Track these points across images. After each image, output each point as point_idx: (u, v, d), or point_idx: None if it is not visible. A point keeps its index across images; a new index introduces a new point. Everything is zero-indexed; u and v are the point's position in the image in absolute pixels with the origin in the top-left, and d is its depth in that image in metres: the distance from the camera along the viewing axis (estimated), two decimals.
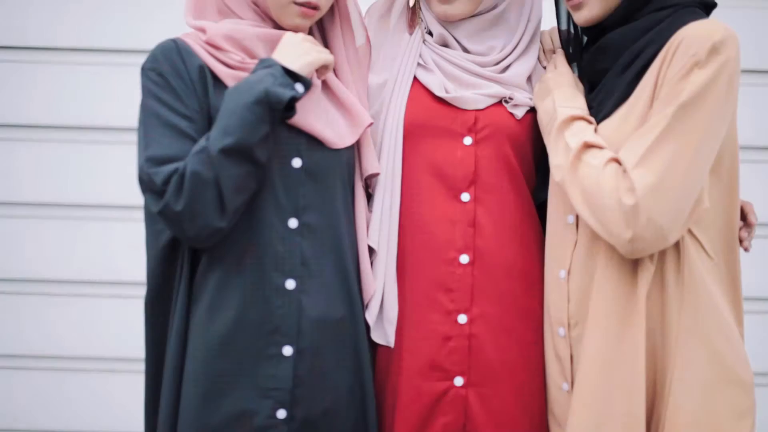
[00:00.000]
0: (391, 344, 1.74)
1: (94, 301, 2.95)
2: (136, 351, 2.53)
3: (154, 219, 1.65)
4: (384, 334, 1.75)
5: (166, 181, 1.55)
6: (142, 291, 1.73)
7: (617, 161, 1.54)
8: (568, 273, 1.67)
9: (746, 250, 1.73)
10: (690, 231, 1.58)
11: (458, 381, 1.71)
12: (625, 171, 1.52)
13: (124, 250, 2.89)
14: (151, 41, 1.70)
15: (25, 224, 2.94)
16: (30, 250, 2.95)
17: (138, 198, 1.67)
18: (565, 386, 1.68)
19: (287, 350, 1.63)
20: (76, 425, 2.99)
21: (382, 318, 1.75)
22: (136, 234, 2.76)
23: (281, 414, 1.63)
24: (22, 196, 2.94)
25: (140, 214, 1.72)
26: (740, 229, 1.71)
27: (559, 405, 1.70)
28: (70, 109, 2.93)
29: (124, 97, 2.77)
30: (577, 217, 1.65)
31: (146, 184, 1.58)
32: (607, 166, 1.54)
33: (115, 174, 2.88)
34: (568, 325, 1.66)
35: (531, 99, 1.77)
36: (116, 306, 2.92)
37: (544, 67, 1.82)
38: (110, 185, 2.90)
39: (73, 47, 2.93)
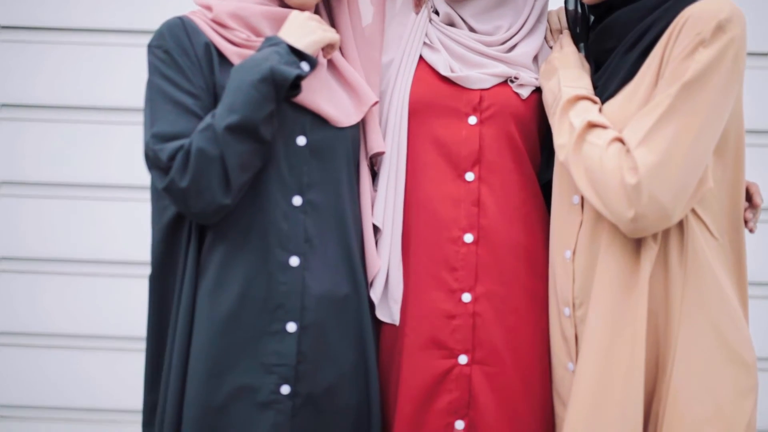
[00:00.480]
0: (396, 322, 1.75)
1: (99, 281, 2.97)
2: (135, 329, 2.57)
3: (159, 195, 1.67)
4: (389, 312, 1.76)
5: (172, 158, 1.56)
6: (144, 270, 1.74)
7: (621, 140, 1.54)
8: (574, 253, 1.67)
9: (751, 231, 1.73)
10: (694, 211, 1.58)
11: (462, 359, 1.72)
12: (628, 150, 1.52)
13: (128, 230, 2.91)
14: (160, 21, 1.70)
15: (30, 203, 2.96)
16: (37, 229, 2.97)
17: (142, 178, 1.68)
18: (571, 366, 1.68)
19: (291, 327, 1.65)
20: (68, 402, 3.02)
21: (387, 296, 1.76)
22: (140, 214, 2.80)
23: (285, 390, 1.65)
24: (27, 176, 2.95)
25: (143, 194, 1.73)
26: (745, 210, 1.70)
27: (564, 385, 1.71)
28: (77, 90, 2.94)
29: (132, 78, 2.79)
30: (583, 197, 1.65)
31: (152, 161, 1.59)
32: (610, 146, 1.54)
33: (122, 154, 2.89)
34: (573, 305, 1.67)
35: (537, 79, 1.77)
36: (120, 285, 2.94)
37: (551, 47, 1.82)
38: (117, 165, 2.92)
39: (83, 27, 2.94)
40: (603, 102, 1.63)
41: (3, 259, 2.98)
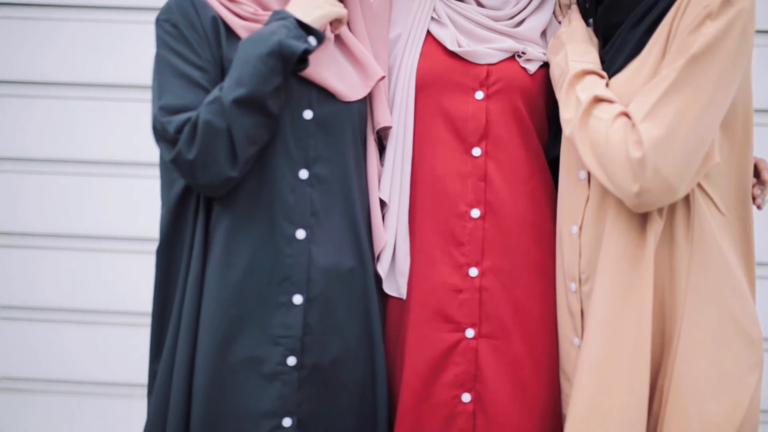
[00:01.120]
0: (404, 296, 1.76)
1: (96, 255, 2.98)
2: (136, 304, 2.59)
3: (168, 168, 1.68)
4: (396, 286, 1.77)
5: (179, 130, 1.57)
6: (141, 245, 1.74)
7: (627, 115, 1.54)
8: (580, 228, 1.67)
9: (759, 207, 1.73)
10: (700, 186, 1.58)
11: (469, 333, 1.73)
12: (633, 124, 1.51)
13: (127, 206, 2.92)
14: None
15: (36, 180, 2.97)
16: (37, 204, 2.98)
17: (147, 155, 1.69)
18: (576, 341, 1.69)
19: (297, 299, 1.66)
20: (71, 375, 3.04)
21: (394, 270, 1.77)
22: (140, 191, 2.81)
23: (291, 361, 1.66)
24: (32, 153, 2.96)
25: (147, 170, 1.73)
26: (753, 186, 1.70)
27: (569, 360, 1.72)
28: (84, 66, 2.94)
29: (135, 55, 2.80)
30: (589, 173, 1.65)
31: (159, 133, 1.60)
32: (616, 120, 1.54)
33: (130, 131, 2.90)
34: (580, 280, 1.67)
35: (544, 54, 1.77)
36: (117, 260, 2.96)
37: (560, 22, 1.81)
38: (125, 142, 2.92)
39: (88, 4, 2.93)
40: (610, 77, 1.63)
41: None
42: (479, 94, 1.74)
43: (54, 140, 2.95)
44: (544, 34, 1.81)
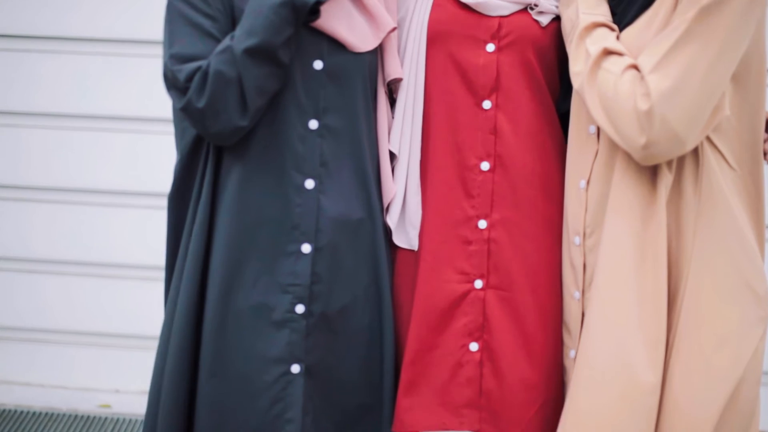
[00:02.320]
0: (415, 248, 1.78)
1: (117, 211, 3.04)
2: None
3: (179, 117, 1.71)
4: (407, 237, 1.79)
5: (189, 78, 1.59)
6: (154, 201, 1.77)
7: (636, 67, 1.53)
8: (588, 183, 1.67)
9: None
10: (710, 140, 1.57)
11: (478, 284, 1.75)
12: (642, 77, 1.51)
13: (140, 162, 2.97)
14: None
15: (45, 134, 3.03)
16: (53, 160, 3.03)
17: (154, 111, 1.71)
18: (577, 294, 1.70)
19: (306, 248, 1.69)
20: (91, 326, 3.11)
21: (404, 222, 1.79)
22: (155, 147, 2.85)
23: (300, 309, 1.69)
24: (41, 108, 3.01)
25: (154, 126, 1.75)
26: (765, 141, 1.69)
27: (569, 313, 1.73)
28: (92, 23, 2.97)
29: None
30: (599, 127, 1.65)
31: (170, 81, 1.62)
32: (625, 73, 1.53)
33: (139, 87, 2.93)
34: (584, 234, 1.68)
35: (557, 6, 1.76)
36: (115, 214, 3.02)
37: None
38: (134, 98, 2.96)
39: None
40: (621, 29, 1.62)
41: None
42: (490, 47, 1.74)
43: (63, 95, 2.99)
44: None
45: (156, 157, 2.84)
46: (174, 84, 1.61)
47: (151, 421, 1.75)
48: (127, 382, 3.10)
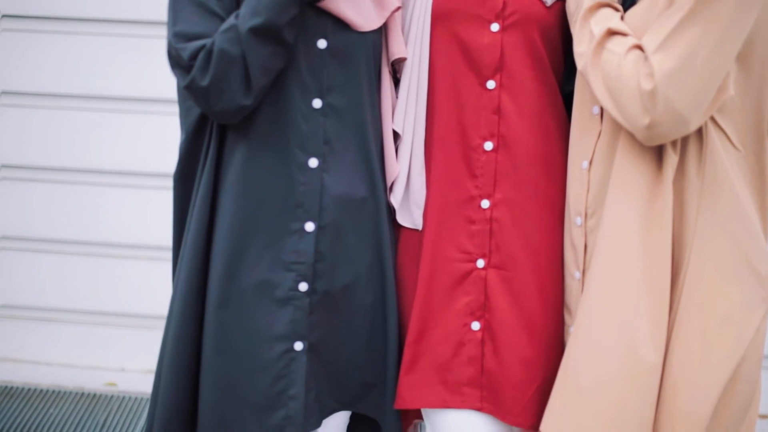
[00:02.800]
0: (419, 227, 1.79)
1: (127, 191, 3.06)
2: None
3: (184, 96, 1.71)
4: (411, 217, 1.80)
5: (193, 57, 1.59)
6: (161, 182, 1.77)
7: (640, 48, 1.52)
8: (590, 163, 1.68)
9: None
10: (714, 120, 1.56)
11: (480, 263, 1.76)
12: (646, 57, 1.50)
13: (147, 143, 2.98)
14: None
15: (50, 115, 3.04)
16: (58, 140, 3.05)
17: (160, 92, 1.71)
18: (577, 275, 1.71)
19: (309, 226, 1.69)
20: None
21: (408, 201, 1.80)
22: (160, 128, 2.86)
23: (303, 287, 1.70)
24: (47, 88, 3.02)
25: (159, 107, 1.76)
26: None
27: (570, 293, 1.74)
28: (100, 3, 2.98)
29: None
30: (602, 108, 1.65)
31: (174, 59, 1.62)
32: (629, 53, 1.52)
33: (145, 68, 2.94)
34: (585, 214, 1.68)
35: None
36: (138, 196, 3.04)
37: None
38: (140, 79, 2.96)
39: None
40: (626, 10, 1.61)
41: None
42: (495, 26, 1.73)
43: (69, 76, 3.00)
44: None
45: (161, 137, 2.85)
46: (178, 62, 1.61)
47: (155, 397, 1.77)
48: (133, 361, 3.13)
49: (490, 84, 1.74)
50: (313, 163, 1.69)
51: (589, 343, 1.62)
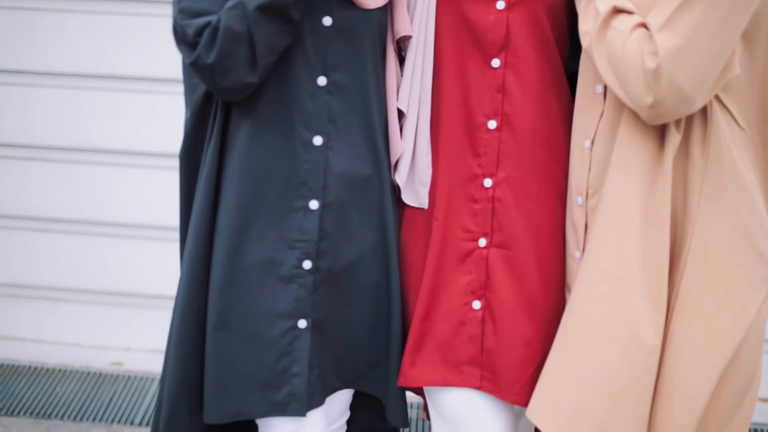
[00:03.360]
0: (425, 206, 1.79)
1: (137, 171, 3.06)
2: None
3: (189, 73, 1.71)
4: (416, 195, 1.80)
5: (198, 33, 1.59)
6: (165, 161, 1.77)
7: (645, 26, 1.52)
8: (592, 143, 1.67)
9: None
10: (719, 99, 1.56)
11: (482, 242, 1.76)
12: (650, 35, 1.50)
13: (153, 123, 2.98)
14: None
15: (53, 94, 3.04)
16: (61, 119, 3.05)
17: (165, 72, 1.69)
18: (578, 254, 1.71)
19: (314, 204, 1.70)
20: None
21: (414, 180, 1.80)
22: (164, 107, 2.86)
23: (307, 265, 1.71)
24: (51, 67, 3.02)
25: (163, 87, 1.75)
26: None
27: (570, 273, 1.74)
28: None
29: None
30: (606, 87, 1.64)
31: (179, 36, 1.62)
32: (634, 31, 1.52)
33: (152, 47, 2.94)
34: (587, 194, 1.68)
35: None
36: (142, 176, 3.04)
37: None
38: (150, 58, 2.96)
39: None
40: None
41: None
42: (500, 4, 1.73)
43: (74, 55, 3.00)
44: None
45: (161, 117, 2.86)
46: (183, 39, 1.61)
47: (164, 373, 1.78)
48: (139, 340, 3.15)
49: (495, 62, 1.74)
50: (318, 140, 1.69)
51: (587, 323, 1.62)
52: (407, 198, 1.81)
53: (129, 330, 3.16)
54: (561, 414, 1.61)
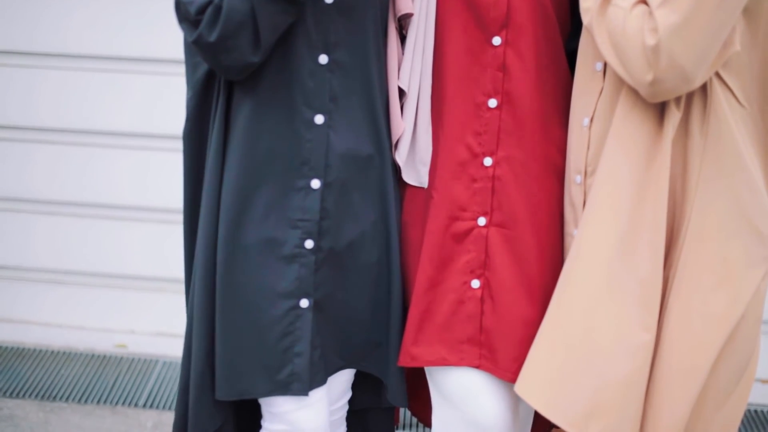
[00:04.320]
0: (425, 185, 1.79)
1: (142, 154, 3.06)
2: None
3: (191, 52, 1.71)
4: (417, 175, 1.80)
5: (201, 11, 1.58)
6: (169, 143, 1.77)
7: (646, 2, 1.52)
8: (591, 121, 1.67)
9: None
10: (719, 76, 1.55)
11: (481, 221, 1.76)
12: (651, 12, 1.49)
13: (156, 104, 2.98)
14: None
15: (62, 75, 3.04)
16: (63, 101, 3.05)
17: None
18: (575, 233, 1.70)
19: (315, 183, 1.70)
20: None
21: (414, 159, 1.80)
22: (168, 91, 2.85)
23: (309, 244, 1.71)
24: (53, 48, 3.02)
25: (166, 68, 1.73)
26: None
27: (568, 251, 1.74)
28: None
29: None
30: (605, 64, 1.64)
31: (182, 13, 1.62)
32: (635, 8, 1.51)
33: (160, 28, 2.93)
34: (585, 172, 1.68)
35: None
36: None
37: None
38: (155, 40, 2.96)
39: None
40: None
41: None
42: None
43: (76, 37, 3.00)
44: None
45: (169, 99, 2.85)
46: (185, 16, 1.61)
47: (188, 350, 1.79)
48: (143, 323, 3.16)
49: (496, 40, 1.74)
50: (319, 119, 1.69)
51: (577, 302, 1.61)
52: (408, 177, 1.81)
53: (133, 313, 3.17)
54: (548, 389, 1.62)
